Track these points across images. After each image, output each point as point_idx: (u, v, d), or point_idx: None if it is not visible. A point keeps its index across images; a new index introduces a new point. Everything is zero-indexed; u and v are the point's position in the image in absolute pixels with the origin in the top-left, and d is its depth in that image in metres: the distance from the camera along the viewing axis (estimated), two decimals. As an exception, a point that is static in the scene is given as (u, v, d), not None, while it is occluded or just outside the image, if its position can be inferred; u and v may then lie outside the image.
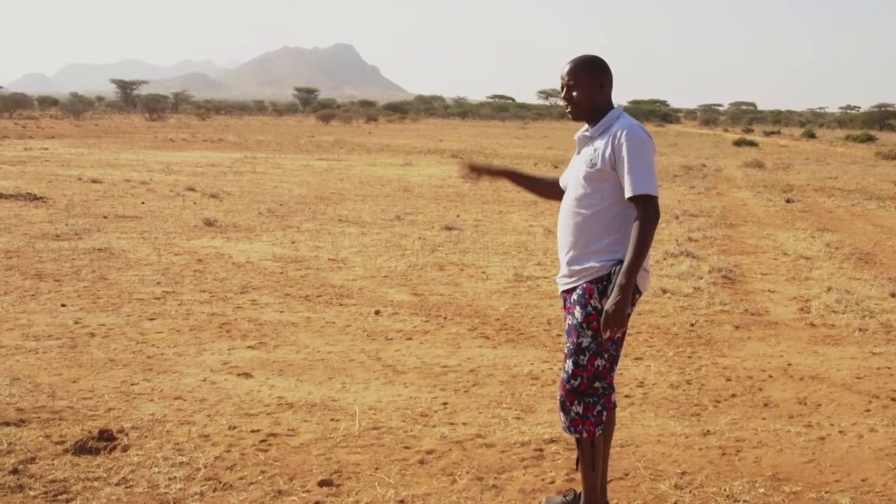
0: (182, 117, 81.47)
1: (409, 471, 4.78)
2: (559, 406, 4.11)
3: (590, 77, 4.06)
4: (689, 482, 4.76)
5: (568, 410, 4.06)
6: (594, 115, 4.08)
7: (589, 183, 4.03)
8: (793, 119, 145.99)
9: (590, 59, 4.10)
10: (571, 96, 4.07)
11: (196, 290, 9.02)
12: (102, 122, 61.92)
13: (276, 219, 14.42)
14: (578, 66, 4.07)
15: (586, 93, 4.05)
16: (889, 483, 4.81)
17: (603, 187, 4.02)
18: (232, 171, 23.66)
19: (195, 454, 4.87)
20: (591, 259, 4.03)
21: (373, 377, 6.43)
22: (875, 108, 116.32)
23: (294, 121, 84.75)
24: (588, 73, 4.05)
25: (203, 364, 6.61)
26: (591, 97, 4.06)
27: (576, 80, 4.05)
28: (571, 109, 4.11)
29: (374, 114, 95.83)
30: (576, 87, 4.05)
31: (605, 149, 3.98)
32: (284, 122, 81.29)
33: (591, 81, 4.06)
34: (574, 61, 4.10)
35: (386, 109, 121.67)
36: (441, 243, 12.46)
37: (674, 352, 7.32)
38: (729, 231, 14.74)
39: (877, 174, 30.10)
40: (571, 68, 4.08)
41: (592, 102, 4.07)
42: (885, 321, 8.47)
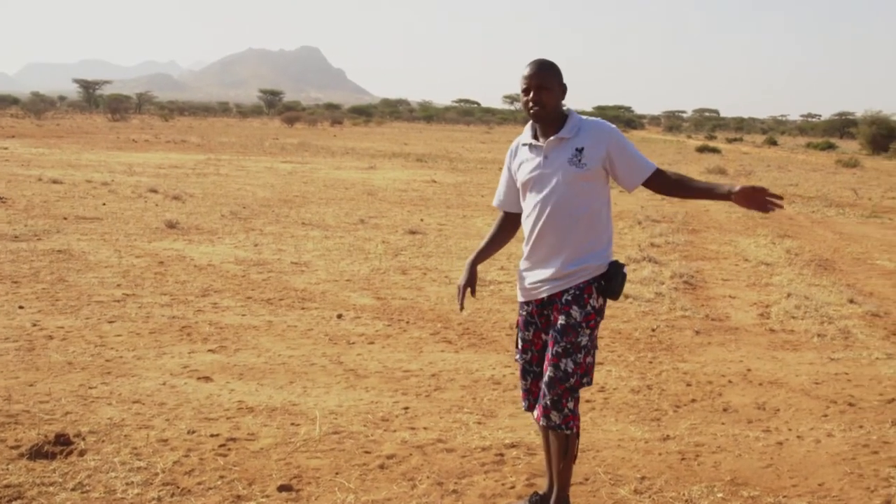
0: (145, 118, 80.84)
1: (369, 476, 4.76)
2: (550, 406, 4.09)
3: (558, 81, 4.10)
4: (649, 487, 4.78)
5: (562, 408, 4.09)
6: (557, 117, 4.12)
7: (580, 183, 4.07)
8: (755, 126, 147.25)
9: (553, 64, 4.14)
10: (541, 99, 4.06)
11: (157, 292, 8.95)
12: (64, 122, 61.31)
13: (238, 221, 14.35)
14: (548, 70, 4.09)
15: (555, 96, 4.09)
16: (845, 487, 4.85)
17: (593, 187, 4.10)
18: (195, 172, 23.52)
19: (153, 459, 4.82)
20: (589, 259, 4.10)
21: (334, 381, 6.41)
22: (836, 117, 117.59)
23: (258, 123, 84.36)
24: (557, 78, 4.10)
25: (163, 367, 6.55)
26: (558, 100, 4.10)
27: (548, 84, 4.07)
28: (538, 111, 4.09)
29: (339, 117, 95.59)
30: (548, 90, 4.06)
31: (596, 148, 4.05)
32: (249, 124, 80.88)
33: (559, 85, 4.11)
34: (542, 65, 4.11)
35: (351, 112, 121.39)
36: (404, 247, 12.45)
37: (635, 357, 7.35)
38: (691, 237, 14.84)
39: (837, 181, 30.41)
40: (542, 72, 4.08)
41: (558, 105, 4.11)
42: (843, 327, 8.55)
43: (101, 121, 68.68)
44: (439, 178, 24.87)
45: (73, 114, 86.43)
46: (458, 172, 27.95)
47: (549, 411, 4.11)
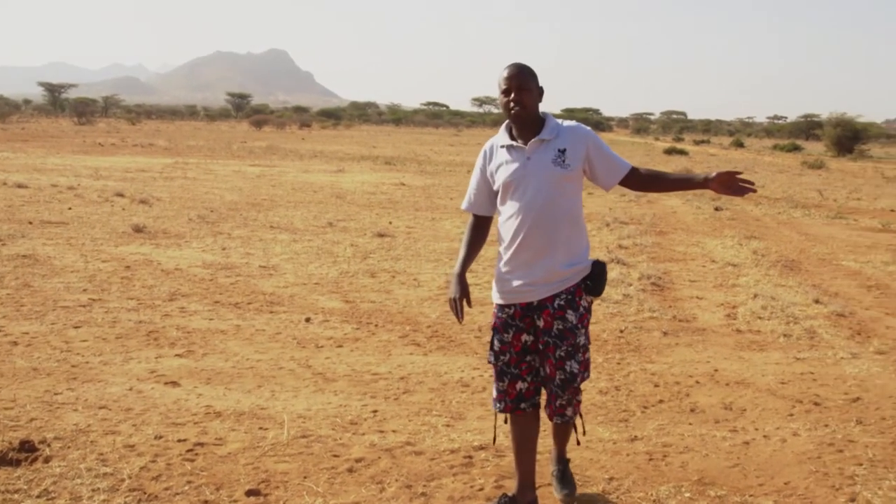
0: (112, 122, 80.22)
1: (337, 479, 4.75)
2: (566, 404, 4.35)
3: (535, 83, 4.19)
4: (617, 487, 4.80)
5: (573, 402, 4.37)
6: (535, 119, 4.21)
7: (564, 184, 4.17)
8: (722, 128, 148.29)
9: (525, 65, 4.22)
10: (521, 99, 4.13)
11: (123, 297, 8.89)
12: (29, 126, 60.80)
13: (206, 225, 14.28)
14: (527, 72, 4.19)
15: (534, 98, 4.18)
16: (811, 486, 4.89)
17: (574, 188, 4.24)
18: (162, 176, 23.38)
19: (119, 465, 4.79)
20: (577, 261, 4.25)
21: (302, 385, 6.39)
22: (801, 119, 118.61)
23: (226, 126, 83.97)
24: (535, 80, 4.19)
25: (129, 373, 6.51)
26: (536, 102, 4.21)
27: (527, 85, 4.15)
28: (519, 111, 4.15)
29: (307, 120, 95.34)
30: (528, 91, 4.15)
31: (577, 149, 4.18)
32: (217, 127, 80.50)
33: (537, 87, 4.20)
34: (521, 67, 4.19)
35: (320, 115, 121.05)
36: (373, 250, 12.43)
37: (603, 358, 7.37)
38: (658, 238, 14.91)
39: (802, 183, 30.69)
40: (521, 74, 4.16)
41: (537, 107, 4.22)
42: (808, 327, 8.62)
43: (67, 124, 68.17)
44: (408, 181, 24.85)
45: (38, 118, 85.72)
46: (427, 175, 27.95)
47: (564, 409, 4.36)
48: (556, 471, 4.70)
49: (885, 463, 5.27)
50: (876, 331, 8.67)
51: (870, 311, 9.62)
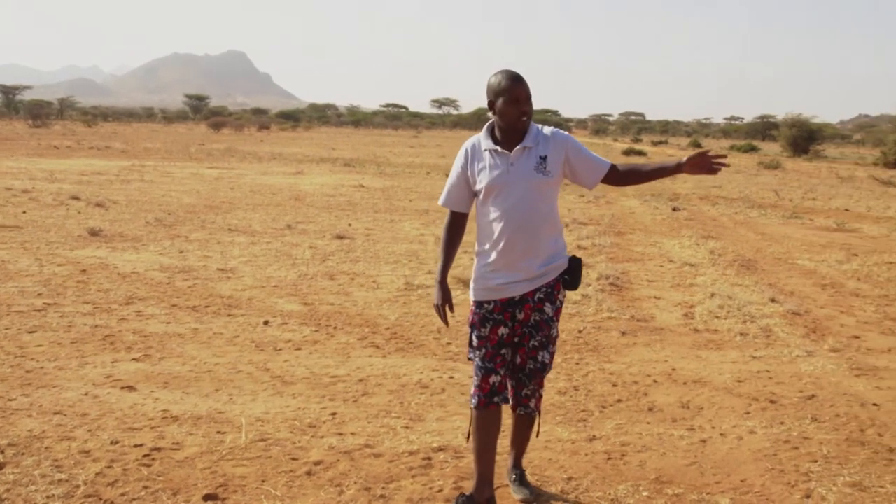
0: (67, 124, 79.41)
1: (296, 483, 4.73)
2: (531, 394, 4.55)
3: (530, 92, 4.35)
4: (576, 487, 4.82)
5: (538, 395, 4.58)
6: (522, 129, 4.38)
7: (545, 189, 4.35)
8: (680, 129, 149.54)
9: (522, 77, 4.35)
10: (528, 110, 4.33)
11: (79, 301, 8.80)
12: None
13: (163, 228, 14.17)
14: (524, 80, 4.32)
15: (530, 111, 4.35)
16: (767, 483, 4.94)
17: (552, 192, 4.43)
18: (119, 179, 23.17)
19: (75, 471, 4.74)
20: (556, 258, 4.44)
21: (261, 388, 6.36)
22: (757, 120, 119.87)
23: (184, 128, 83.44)
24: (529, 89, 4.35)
25: (85, 378, 6.44)
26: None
27: (530, 94, 4.33)
28: (527, 122, 4.36)
29: (266, 122, 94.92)
30: (530, 101, 4.33)
31: (557, 156, 4.35)
32: (174, 129, 79.96)
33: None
34: (519, 76, 4.32)
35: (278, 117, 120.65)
36: (332, 252, 12.40)
37: (562, 359, 7.39)
38: (617, 239, 14.98)
39: (759, 183, 30.99)
40: (526, 84, 4.31)
41: None
42: (764, 326, 8.71)
43: (22, 127, 67.39)
44: (367, 183, 24.82)
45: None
46: (387, 177, 27.93)
47: (528, 400, 4.55)
48: (514, 476, 4.73)
49: (839, 459, 5.33)
50: (830, 329, 8.78)
51: (824, 309, 9.73)
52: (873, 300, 10.31)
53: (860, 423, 6.01)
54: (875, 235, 16.96)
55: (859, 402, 6.50)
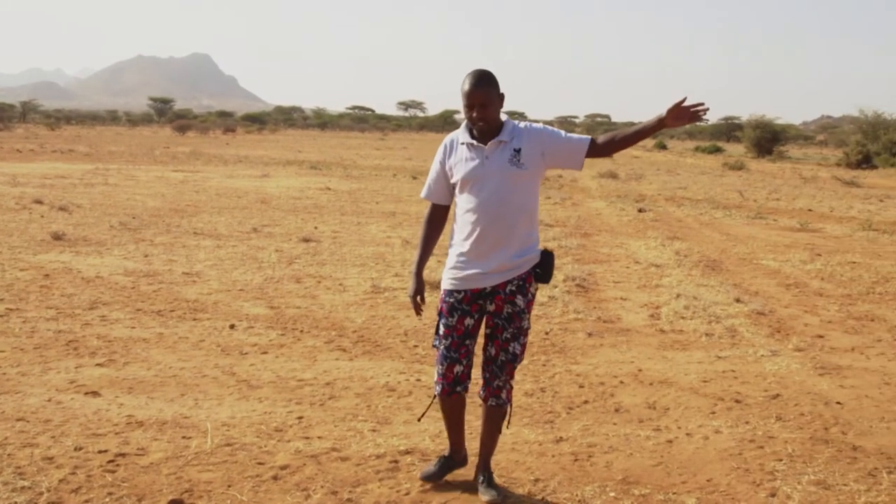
0: (30, 127, 78.60)
1: (262, 487, 4.71)
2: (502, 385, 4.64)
3: (496, 93, 4.41)
4: (543, 489, 4.84)
5: (509, 386, 4.66)
6: (497, 126, 4.45)
7: (518, 182, 4.46)
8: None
9: (490, 75, 4.41)
10: (484, 115, 4.37)
11: (42, 306, 8.71)
12: (-56, 133, 59.44)
13: (128, 232, 14.05)
14: (488, 85, 4.38)
15: (495, 109, 4.41)
16: (732, 482, 4.97)
17: (529, 185, 4.53)
18: (83, 182, 22.96)
19: (38, 478, 4.69)
20: (529, 251, 4.56)
21: (227, 393, 6.33)
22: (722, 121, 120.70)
23: (149, 131, 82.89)
24: (495, 90, 4.40)
25: (48, 383, 6.37)
26: (498, 112, 4.44)
27: (488, 100, 4.36)
28: (483, 127, 4.41)
29: (231, 125, 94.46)
30: (490, 107, 4.37)
31: (532, 149, 4.46)
32: (139, 132, 79.42)
33: (497, 97, 4.41)
34: (481, 81, 4.37)
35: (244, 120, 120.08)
36: (298, 255, 12.35)
37: (528, 360, 7.40)
38: (583, 240, 15.04)
39: (724, 184, 31.22)
40: (482, 89, 4.36)
41: (499, 116, 4.45)
42: (729, 326, 8.77)
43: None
44: (333, 186, 24.76)
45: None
46: (353, 179, 27.88)
47: (499, 391, 4.64)
48: (483, 478, 4.74)
49: (803, 458, 5.38)
50: (794, 328, 8.85)
51: (789, 309, 9.81)
52: (836, 299, 10.41)
53: (824, 422, 6.07)
54: (838, 235, 17.14)
55: (823, 400, 6.56)
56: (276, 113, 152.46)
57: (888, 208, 23.59)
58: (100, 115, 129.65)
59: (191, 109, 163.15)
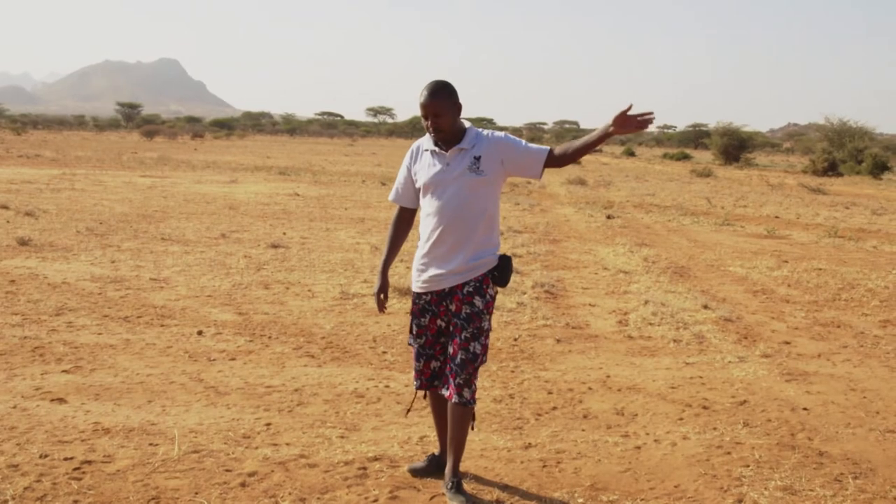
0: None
1: (230, 494, 4.69)
2: (463, 384, 4.66)
3: (451, 103, 4.55)
4: (511, 495, 4.83)
5: (472, 385, 4.69)
6: (456, 132, 4.60)
7: (476, 189, 4.61)
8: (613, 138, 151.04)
9: (446, 87, 4.56)
10: (437, 125, 4.53)
11: (7, 312, 8.63)
12: None
13: (95, 237, 13.95)
14: (440, 97, 4.52)
15: (450, 118, 4.54)
16: (700, 488, 5.00)
17: (488, 192, 4.66)
18: (49, 188, 22.77)
19: (2, 485, 4.64)
20: (485, 254, 4.67)
21: (194, 399, 6.29)
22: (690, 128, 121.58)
23: (116, 136, 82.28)
24: (449, 100, 4.54)
25: (13, 390, 6.31)
26: (454, 121, 4.57)
27: (441, 111, 4.51)
28: (438, 135, 4.57)
29: (200, 130, 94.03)
30: (443, 115, 4.52)
31: (492, 157, 4.60)
32: (106, 137, 78.85)
33: (452, 106, 4.55)
34: (434, 93, 4.52)
35: (212, 126, 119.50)
36: (267, 261, 12.31)
37: (497, 366, 7.42)
38: (552, 247, 15.07)
39: (691, 191, 31.41)
40: (434, 101, 4.52)
41: (454, 125, 4.58)
42: (697, 332, 8.82)
43: (-51, 135, 66.04)
44: (302, 192, 24.69)
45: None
46: (322, 185, 27.82)
47: (461, 389, 4.67)
48: (451, 484, 4.75)
49: (770, 464, 5.41)
50: (762, 335, 8.91)
51: (756, 315, 9.88)
52: (803, 306, 10.49)
53: (791, 428, 6.11)
54: (804, 242, 17.28)
55: (790, 406, 6.61)
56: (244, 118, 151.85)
57: (854, 215, 23.82)
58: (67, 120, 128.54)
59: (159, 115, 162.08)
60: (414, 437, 5.68)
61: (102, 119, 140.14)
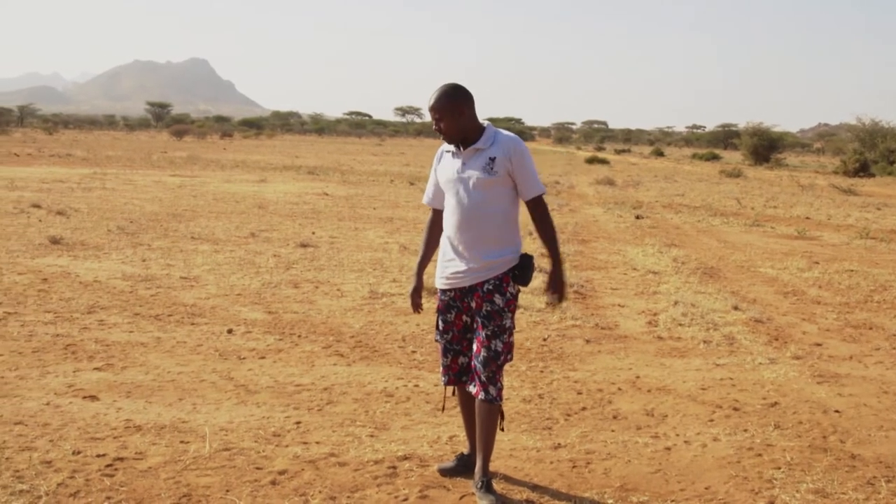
0: (28, 131, 78.67)
1: (260, 492, 4.70)
2: (487, 381, 4.69)
3: (452, 106, 4.62)
4: (541, 495, 4.82)
5: (497, 383, 4.72)
6: (466, 136, 4.67)
7: (490, 188, 4.66)
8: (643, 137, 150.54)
9: (447, 91, 4.65)
10: (440, 128, 4.65)
11: (40, 310, 8.70)
12: (-58, 136, 59.35)
13: (126, 236, 14.05)
14: (444, 101, 4.63)
15: (451, 121, 4.64)
16: (731, 490, 4.96)
17: (504, 191, 4.71)
18: (80, 187, 22.96)
19: (36, 481, 4.68)
20: (504, 252, 4.71)
21: (224, 397, 6.32)
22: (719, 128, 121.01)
23: (146, 136, 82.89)
24: (450, 103, 4.62)
25: (46, 387, 6.37)
26: (456, 124, 4.64)
27: (440, 113, 4.63)
28: (444, 137, 4.69)
29: (229, 129, 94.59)
30: (441, 118, 4.63)
31: (504, 159, 4.64)
32: (136, 137, 79.44)
33: (453, 110, 4.63)
34: (438, 95, 4.64)
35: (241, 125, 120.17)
36: (296, 260, 12.35)
37: (526, 366, 7.41)
38: (581, 247, 15.04)
39: (721, 191, 31.24)
40: (434, 103, 4.65)
41: (459, 127, 4.66)
42: (727, 333, 8.76)
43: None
44: (331, 191, 24.76)
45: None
46: (350, 185, 27.89)
47: (486, 386, 4.71)
48: (480, 484, 4.75)
49: (802, 466, 5.37)
50: (792, 336, 8.85)
51: (786, 316, 9.82)
52: (835, 307, 10.41)
53: (823, 430, 6.06)
54: (836, 243, 17.15)
55: (822, 408, 6.56)
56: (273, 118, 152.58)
57: (885, 216, 23.62)
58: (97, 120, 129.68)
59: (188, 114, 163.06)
60: (444, 436, 5.68)
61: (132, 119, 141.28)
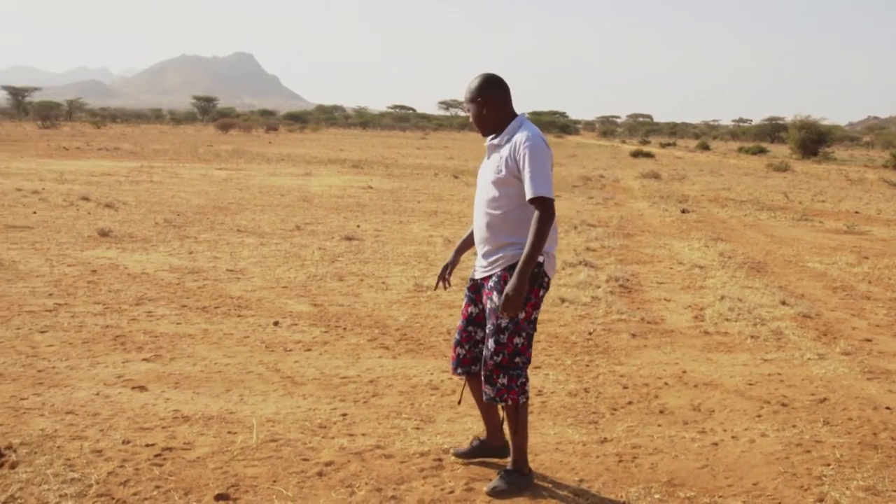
0: (76, 125, 79.57)
1: (307, 483, 4.73)
2: (485, 380, 4.64)
3: (483, 97, 4.63)
4: (587, 489, 4.81)
5: (494, 382, 4.61)
6: (496, 127, 4.65)
7: (497, 187, 4.61)
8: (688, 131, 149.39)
9: (479, 82, 4.66)
10: (472, 117, 4.70)
11: (89, 301, 8.81)
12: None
13: (173, 229, 14.18)
14: (471, 89, 4.66)
15: (479, 112, 4.65)
16: (779, 487, 4.92)
17: (509, 192, 4.58)
18: (128, 180, 23.19)
19: (87, 470, 4.74)
20: (508, 249, 4.60)
21: (271, 389, 6.36)
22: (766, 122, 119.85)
23: (192, 130, 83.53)
24: (481, 94, 4.63)
25: (96, 377, 6.44)
26: (485, 115, 4.65)
27: (470, 103, 4.67)
28: (476, 127, 4.71)
29: (274, 123, 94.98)
30: (476, 109, 4.66)
31: (509, 157, 4.56)
32: (182, 130, 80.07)
33: (484, 101, 4.63)
34: (468, 85, 4.67)
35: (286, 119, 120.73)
36: (341, 253, 12.40)
37: (572, 360, 7.39)
38: (626, 241, 14.97)
39: (768, 185, 30.94)
40: (468, 94, 4.67)
41: (489, 118, 4.66)
42: (775, 328, 8.68)
43: (31, 128, 67.57)
44: (375, 185, 24.82)
45: (1, 121, 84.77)
46: (395, 178, 27.93)
47: (485, 385, 4.67)
48: (501, 472, 4.82)
49: (852, 463, 5.31)
50: (842, 332, 8.75)
51: (835, 312, 9.71)
52: (885, 303, 10.29)
53: (873, 427, 5.99)
54: (886, 238, 16.94)
55: (872, 405, 6.48)
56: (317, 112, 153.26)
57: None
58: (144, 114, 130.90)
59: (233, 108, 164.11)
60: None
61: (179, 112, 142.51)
